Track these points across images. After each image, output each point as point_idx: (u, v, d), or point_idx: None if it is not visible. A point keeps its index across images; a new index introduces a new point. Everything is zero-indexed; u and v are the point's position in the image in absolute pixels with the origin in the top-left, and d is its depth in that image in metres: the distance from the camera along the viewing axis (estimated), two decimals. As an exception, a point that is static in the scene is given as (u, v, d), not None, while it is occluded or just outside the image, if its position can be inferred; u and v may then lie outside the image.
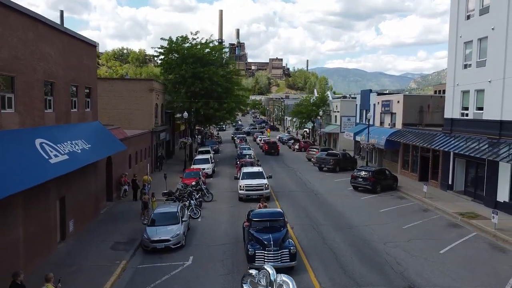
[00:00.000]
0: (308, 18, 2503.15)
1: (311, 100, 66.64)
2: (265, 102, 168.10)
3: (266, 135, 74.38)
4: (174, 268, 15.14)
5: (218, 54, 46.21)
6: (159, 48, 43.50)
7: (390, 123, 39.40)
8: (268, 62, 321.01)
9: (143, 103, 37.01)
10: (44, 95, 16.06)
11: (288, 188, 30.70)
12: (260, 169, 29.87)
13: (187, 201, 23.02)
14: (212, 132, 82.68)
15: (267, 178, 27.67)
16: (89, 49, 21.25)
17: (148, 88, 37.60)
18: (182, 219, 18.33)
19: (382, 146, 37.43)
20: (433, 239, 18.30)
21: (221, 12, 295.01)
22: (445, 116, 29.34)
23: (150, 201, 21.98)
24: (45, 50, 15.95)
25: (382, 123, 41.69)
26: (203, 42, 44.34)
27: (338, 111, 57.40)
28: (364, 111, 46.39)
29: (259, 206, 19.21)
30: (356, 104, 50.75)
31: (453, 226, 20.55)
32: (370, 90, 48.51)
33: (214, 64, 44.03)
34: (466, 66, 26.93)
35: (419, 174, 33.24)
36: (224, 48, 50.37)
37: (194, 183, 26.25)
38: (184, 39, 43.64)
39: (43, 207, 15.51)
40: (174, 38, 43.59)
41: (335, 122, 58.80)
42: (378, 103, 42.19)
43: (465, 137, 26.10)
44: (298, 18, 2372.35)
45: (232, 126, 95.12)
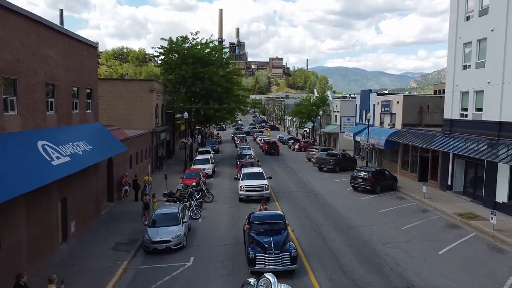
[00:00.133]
0: (308, 17, 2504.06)
1: (311, 100, 66.78)
2: (265, 102, 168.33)
3: (266, 135, 74.46)
4: (175, 269, 15.26)
5: (218, 54, 46.32)
6: (159, 48, 43.67)
7: (389, 124, 39.51)
8: (268, 61, 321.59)
9: (144, 104, 37.16)
10: (45, 97, 16.15)
11: (288, 188, 30.81)
12: (260, 169, 29.94)
13: (188, 201, 23.12)
14: (212, 132, 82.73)
15: (267, 178, 27.70)
16: (90, 50, 21.35)
17: (148, 88, 37.73)
18: (183, 220, 18.45)
19: (382, 146, 37.56)
20: (432, 240, 18.42)
21: (221, 11, 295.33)
22: (444, 116, 29.45)
23: (151, 201, 22.08)
24: (46, 52, 16.03)
25: (382, 123, 41.81)
26: (203, 42, 44.46)
27: (338, 111, 57.49)
28: (364, 111, 46.51)
29: (260, 208, 18.98)
30: (356, 104, 50.87)
31: (452, 227, 20.67)
32: (370, 90, 48.61)
33: (214, 64, 44.15)
34: (465, 67, 27.04)
35: (419, 175, 33.37)
36: (224, 48, 50.46)
37: (194, 184, 26.35)
38: (184, 39, 43.75)
39: (45, 209, 15.62)
40: (174, 38, 43.80)
41: (335, 122, 58.90)
42: (378, 103, 42.31)
43: (464, 138, 26.21)
44: (298, 17, 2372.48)
45: (232, 126, 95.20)
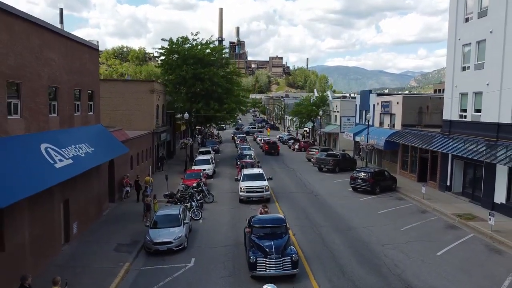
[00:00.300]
0: (308, 16, 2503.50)
1: (311, 100, 66.93)
2: (265, 101, 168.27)
3: (266, 135, 74.58)
4: (177, 270, 15.42)
5: (218, 54, 46.45)
6: (160, 48, 43.80)
7: (389, 124, 39.67)
8: (268, 60, 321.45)
9: (144, 104, 37.32)
10: (48, 100, 16.33)
11: (288, 189, 30.97)
12: (260, 170, 29.97)
13: (189, 202, 23.26)
14: (212, 132, 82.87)
15: (268, 180, 27.72)
16: (91, 52, 21.50)
17: (149, 89, 37.88)
18: (184, 221, 18.60)
19: (382, 146, 37.72)
20: (430, 241, 18.59)
21: (221, 10, 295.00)
22: (443, 117, 29.60)
23: (152, 203, 22.22)
24: (49, 55, 16.20)
25: (381, 124, 41.97)
26: (204, 42, 44.58)
27: (338, 111, 57.64)
28: (363, 112, 46.66)
29: (260, 211, 18.85)
30: (355, 104, 51.02)
31: (450, 228, 20.84)
32: (370, 91, 48.74)
33: (215, 64, 44.33)
34: (464, 69, 27.20)
35: (418, 175, 33.54)
36: (224, 48, 50.60)
37: (195, 185, 26.46)
38: (184, 40, 43.88)
39: (48, 210, 15.79)
40: (174, 38, 43.99)
41: (335, 122, 59.04)
42: (378, 104, 42.46)
43: (463, 139, 26.37)
44: (298, 16, 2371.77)
45: (232, 125, 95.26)
